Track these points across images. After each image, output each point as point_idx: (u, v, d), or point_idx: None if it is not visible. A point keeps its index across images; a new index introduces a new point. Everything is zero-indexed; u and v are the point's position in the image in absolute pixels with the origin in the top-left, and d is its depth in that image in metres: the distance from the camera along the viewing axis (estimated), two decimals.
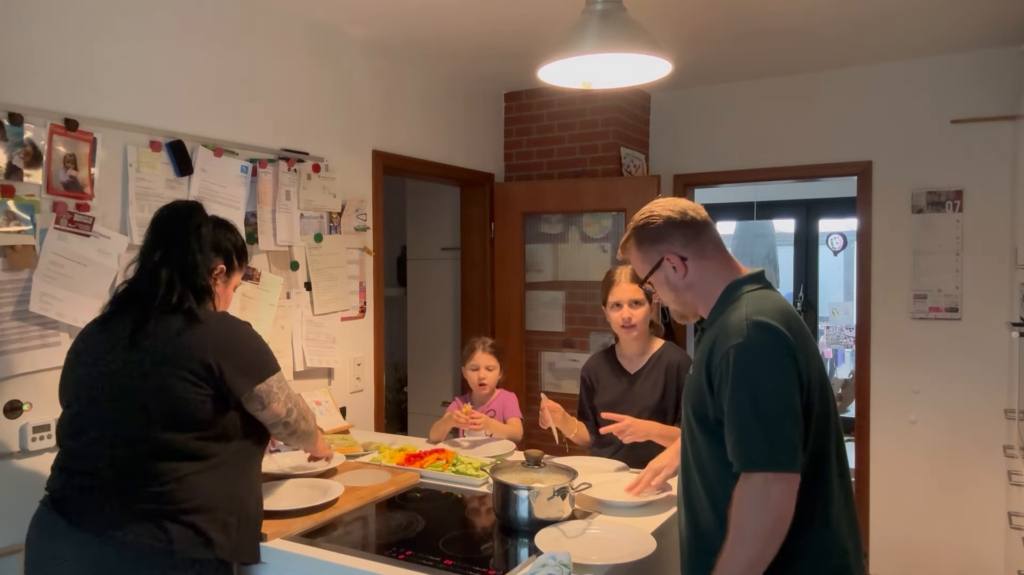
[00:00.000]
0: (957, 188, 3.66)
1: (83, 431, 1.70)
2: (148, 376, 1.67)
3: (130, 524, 1.61)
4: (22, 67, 2.18)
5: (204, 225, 1.85)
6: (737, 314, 1.50)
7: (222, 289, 1.92)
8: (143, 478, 1.64)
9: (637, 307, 2.49)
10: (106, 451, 1.66)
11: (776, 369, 1.43)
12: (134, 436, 1.66)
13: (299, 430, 1.90)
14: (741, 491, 1.42)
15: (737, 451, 1.43)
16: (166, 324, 1.71)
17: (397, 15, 3.08)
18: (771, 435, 1.40)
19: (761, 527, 1.40)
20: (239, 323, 1.82)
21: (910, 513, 3.77)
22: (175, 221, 1.84)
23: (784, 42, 3.48)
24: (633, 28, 2.09)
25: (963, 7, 3.02)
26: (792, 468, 1.39)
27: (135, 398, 1.66)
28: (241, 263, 1.99)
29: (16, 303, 2.15)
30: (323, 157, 3.17)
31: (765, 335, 1.45)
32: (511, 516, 1.90)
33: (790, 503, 1.39)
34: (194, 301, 1.76)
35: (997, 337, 3.56)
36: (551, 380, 4.32)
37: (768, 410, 1.41)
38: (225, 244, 1.92)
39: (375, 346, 3.52)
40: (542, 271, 4.36)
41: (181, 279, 1.76)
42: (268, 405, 1.78)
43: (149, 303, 1.73)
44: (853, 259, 5.28)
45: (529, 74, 3.64)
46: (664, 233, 1.63)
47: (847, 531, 1.54)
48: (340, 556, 1.72)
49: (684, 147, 4.37)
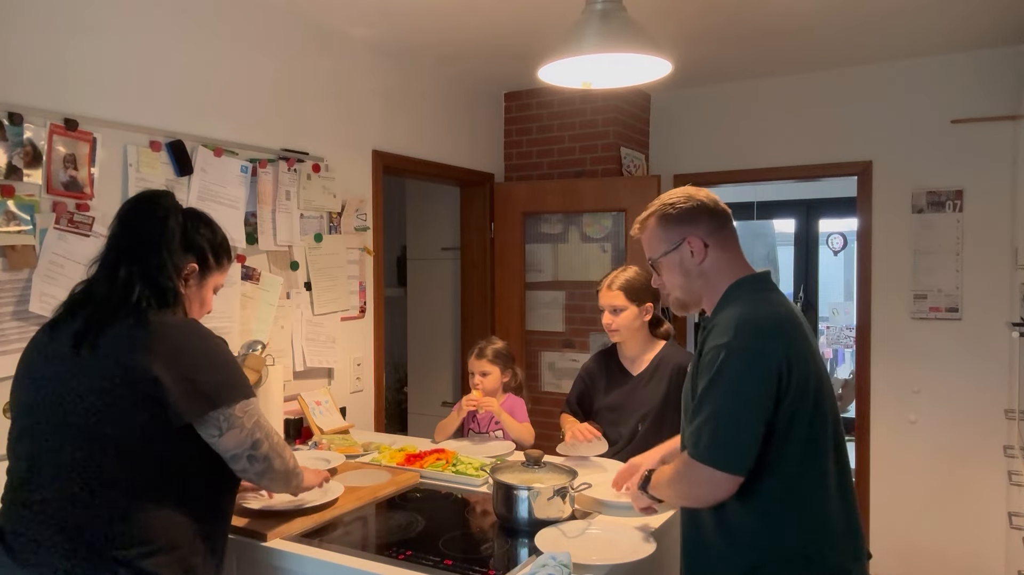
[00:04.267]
0: (957, 188, 3.66)
1: (23, 457, 1.48)
2: (86, 396, 1.43)
3: (78, 567, 1.39)
4: (22, 67, 2.18)
5: (171, 217, 1.59)
6: (733, 314, 1.52)
7: (195, 291, 1.67)
8: (89, 516, 1.40)
9: (617, 313, 2.50)
10: (47, 481, 1.43)
11: (751, 377, 1.45)
12: (74, 466, 1.42)
13: (272, 468, 1.57)
14: (686, 466, 1.53)
15: (691, 439, 1.51)
16: (115, 332, 1.46)
17: (397, 15, 3.08)
18: (722, 438, 1.46)
19: (683, 499, 1.62)
20: (203, 335, 1.54)
21: (910, 513, 3.77)
22: (138, 213, 1.59)
23: (784, 42, 3.48)
24: (633, 28, 2.09)
25: (963, 7, 3.02)
26: (732, 470, 1.45)
27: (74, 421, 1.43)
28: (220, 262, 1.72)
29: (16, 303, 2.15)
30: (323, 157, 3.17)
31: (752, 341, 1.47)
32: (511, 516, 1.89)
33: (716, 497, 1.49)
34: (155, 305, 1.50)
35: (997, 337, 3.56)
36: (551, 380, 4.32)
37: (728, 416, 1.45)
38: (198, 240, 1.65)
39: (375, 346, 3.52)
40: (542, 271, 4.36)
41: (142, 279, 1.52)
42: (224, 433, 1.48)
43: (102, 307, 1.49)
44: (853, 259, 5.28)
45: (529, 74, 3.63)
46: (694, 216, 1.63)
47: (845, 533, 1.53)
48: (340, 556, 1.72)
49: (684, 147, 4.37)
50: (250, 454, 1.53)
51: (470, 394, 2.75)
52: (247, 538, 1.81)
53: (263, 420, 1.57)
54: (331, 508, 1.99)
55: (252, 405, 1.55)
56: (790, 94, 4.04)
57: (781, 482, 1.47)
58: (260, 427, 1.55)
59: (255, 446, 1.53)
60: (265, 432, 1.56)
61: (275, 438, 1.60)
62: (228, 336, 2.72)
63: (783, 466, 1.47)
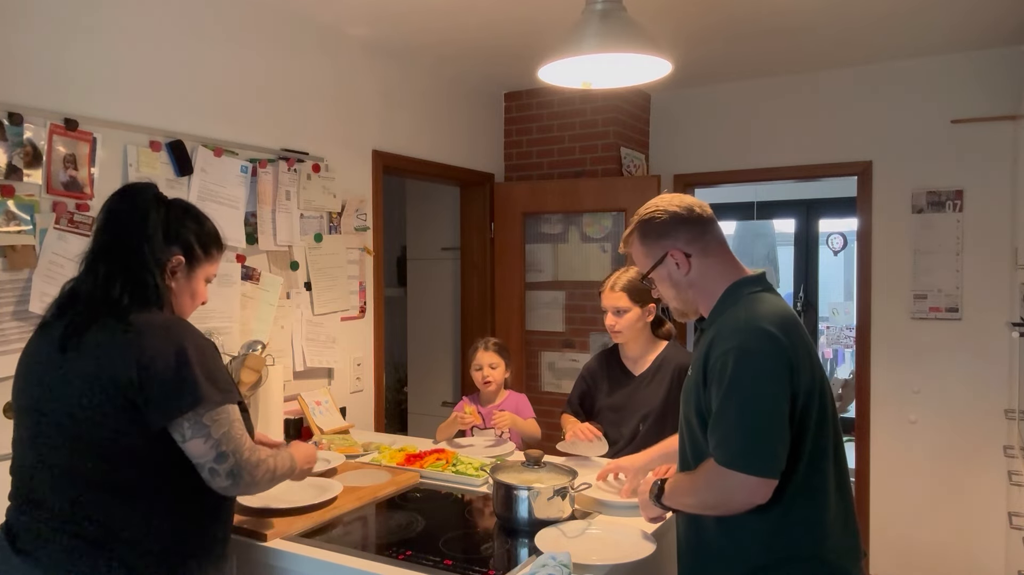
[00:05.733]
0: (957, 188, 3.66)
1: (21, 457, 1.50)
2: (71, 398, 1.43)
3: (80, 565, 1.40)
4: (22, 67, 2.18)
5: (153, 210, 1.56)
6: (737, 317, 1.51)
7: (184, 284, 1.63)
8: (84, 515, 1.42)
9: (620, 315, 2.50)
10: (44, 481, 1.45)
11: (768, 379, 1.44)
12: (65, 467, 1.43)
13: (237, 486, 1.48)
14: (716, 475, 1.45)
15: (718, 451, 1.46)
16: (97, 333, 1.45)
17: (397, 15, 3.08)
18: (753, 442, 1.43)
19: (712, 508, 1.52)
20: (183, 336, 1.48)
21: (910, 513, 3.77)
22: (119, 207, 1.57)
23: (784, 42, 3.48)
24: (633, 28, 2.09)
25: (963, 7, 3.02)
26: (769, 474, 1.42)
27: (61, 422, 1.44)
28: (209, 253, 1.67)
29: (16, 303, 2.15)
30: (323, 157, 3.17)
31: (763, 343, 1.45)
32: (511, 516, 1.89)
33: (752, 503, 1.44)
34: (137, 302, 1.49)
35: (997, 337, 3.56)
36: (551, 380, 4.32)
37: (754, 419, 1.43)
38: (183, 232, 1.61)
39: (375, 346, 3.52)
40: (542, 271, 4.36)
41: (123, 275, 1.50)
42: (187, 440, 1.43)
43: (86, 306, 1.49)
44: (853, 259, 5.28)
45: (529, 74, 3.63)
46: (669, 228, 1.61)
47: (843, 533, 1.54)
48: (340, 556, 1.72)
49: (684, 147, 4.37)
50: (212, 467, 1.45)
51: (463, 413, 2.77)
52: (247, 538, 1.81)
53: (235, 432, 1.48)
54: (331, 508, 2.00)
55: (224, 414, 1.47)
56: (790, 94, 4.04)
57: (787, 482, 1.46)
58: (230, 439, 1.46)
59: (219, 459, 1.45)
60: (234, 446, 1.46)
61: (245, 454, 1.48)
62: (228, 336, 2.72)
63: (791, 466, 1.46)
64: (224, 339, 2.69)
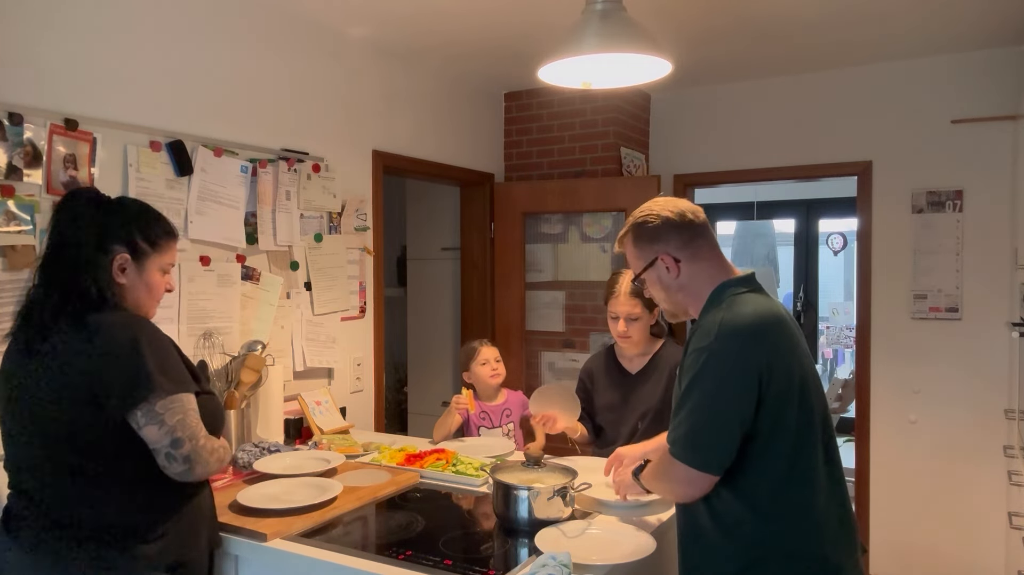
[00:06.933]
0: (957, 188, 3.66)
1: (8, 452, 1.62)
2: (40, 396, 1.54)
3: (68, 550, 1.52)
4: (22, 67, 2.18)
5: (86, 214, 1.61)
6: (715, 318, 1.54)
7: (136, 279, 1.65)
8: (67, 504, 1.54)
9: (633, 322, 2.48)
10: (28, 475, 1.58)
11: (732, 380, 1.49)
12: (44, 461, 1.55)
13: (193, 472, 1.57)
14: (667, 461, 1.58)
15: (670, 437, 1.57)
16: (55, 335, 1.54)
17: (397, 15, 3.08)
18: (696, 438, 1.51)
19: (665, 493, 1.75)
20: (136, 331, 1.56)
21: (910, 513, 3.77)
22: (57, 216, 1.63)
23: (784, 42, 3.48)
24: (633, 28, 2.09)
25: (963, 7, 3.02)
26: (706, 469, 1.51)
27: (35, 420, 1.55)
28: (155, 244, 1.68)
29: (16, 303, 2.13)
30: (323, 157, 3.17)
31: (732, 343, 1.50)
32: (511, 516, 1.89)
33: (692, 494, 1.56)
34: (87, 306, 1.56)
35: (997, 337, 3.57)
36: (551, 380, 4.31)
37: (705, 416, 1.50)
38: (123, 230, 1.64)
39: (375, 346, 3.52)
40: (542, 271, 4.36)
41: (66, 283, 1.57)
42: (142, 428, 1.52)
43: (40, 313, 1.57)
44: (853, 259, 5.28)
45: (529, 74, 3.64)
46: (661, 233, 1.65)
47: (837, 529, 1.55)
48: (340, 556, 1.72)
49: (684, 147, 4.37)
50: (168, 452, 1.54)
51: (459, 395, 2.76)
52: (247, 538, 1.81)
53: (190, 420, 1.57)
54: (331, 508, 2.00)
55: (177, 403, 1.55)
56: (790, 94, 4.04)
57: (770, 479, 1.50)
58: (184, 426, 1.55)
59: (174, 445, 1.53)
60: (189, 433, 1.55)
61: (201, 440, 1.58)
62: (228, 336, 2.72)
63: (770, 463, 1.50)
64: (224, 339, 2.70)
